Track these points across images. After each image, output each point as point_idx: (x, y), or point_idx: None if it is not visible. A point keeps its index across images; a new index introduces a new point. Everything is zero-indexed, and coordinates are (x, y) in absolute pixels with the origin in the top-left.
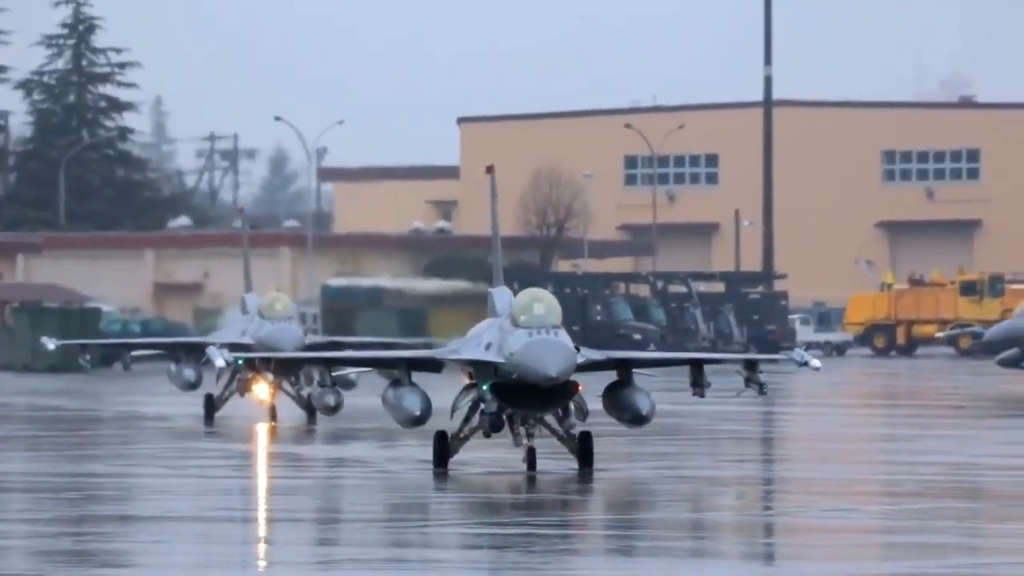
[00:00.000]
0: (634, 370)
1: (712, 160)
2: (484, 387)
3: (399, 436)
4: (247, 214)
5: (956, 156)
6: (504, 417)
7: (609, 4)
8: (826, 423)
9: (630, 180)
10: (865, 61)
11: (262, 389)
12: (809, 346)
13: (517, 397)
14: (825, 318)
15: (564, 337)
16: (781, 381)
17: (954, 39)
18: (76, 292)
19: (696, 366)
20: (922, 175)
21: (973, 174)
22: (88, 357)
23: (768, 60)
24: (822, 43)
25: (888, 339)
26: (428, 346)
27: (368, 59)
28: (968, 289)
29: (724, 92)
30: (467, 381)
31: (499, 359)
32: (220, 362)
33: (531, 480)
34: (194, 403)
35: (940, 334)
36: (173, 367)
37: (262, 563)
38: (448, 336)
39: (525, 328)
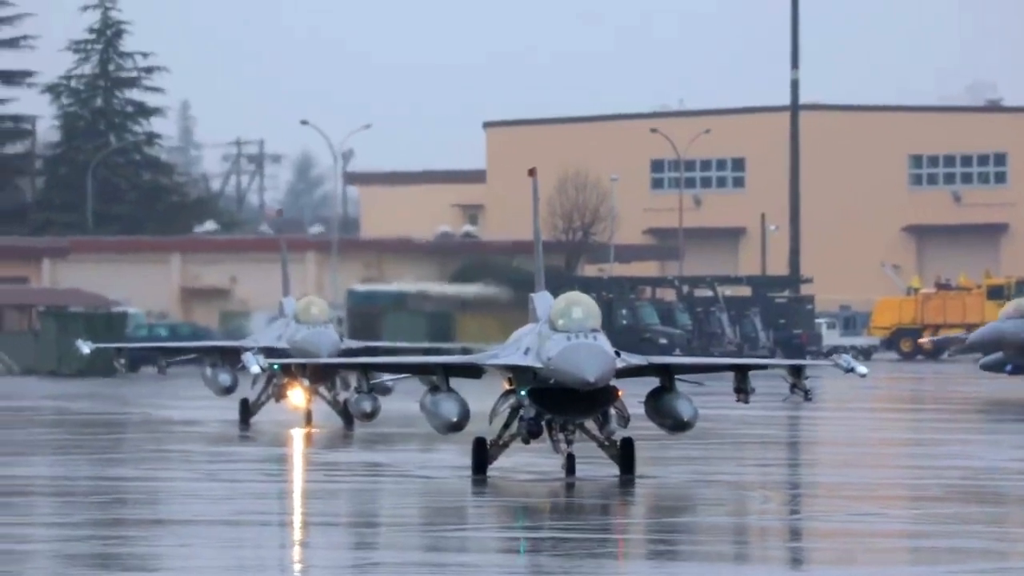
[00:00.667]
0: (676, 376)
1: (739, 164)
2: (522, 393)
3: (438, 443)
4: (280, 217)
5: (983, 160)
6: (543, 423)
7: (636, 8)
8: (852, 427)
9: (656, 184)
10: (891, 65)
11: (297, 394)
12: (835, 350)
13: (555, 403)
14: (851, 322)
15: (603, 341)
16: (807, 385)
17: (980, 43)
18: (102, 296)
19: (740, 372)
20: (949, 179)
21: (1000, 178)
22: (123, 361)
23: (795, 64)
24: (849, 47)
25: (915, 343)
26: (466, 351)
27: (395, 63)
28: (995, 293)
29: (751, 96)
30: (506, 387)
31: (537, 364)
32: (256, 368)
33: (570, 487)
34: (229, 408)
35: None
36: (208, 371)
37: (296, 567)
38: (475, 341)
39: (563, 332)
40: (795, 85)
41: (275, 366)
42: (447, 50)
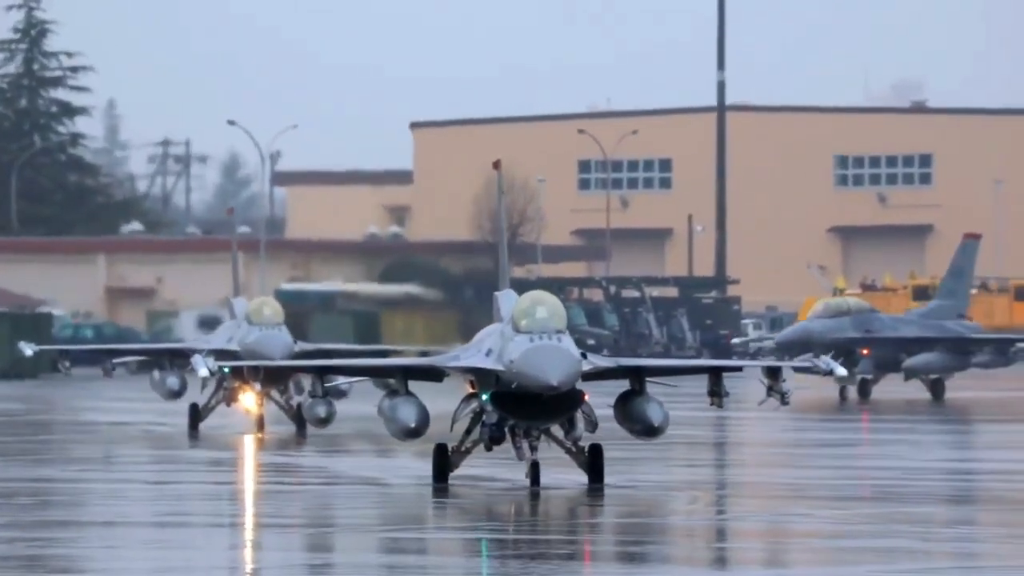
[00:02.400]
0: (647, 379)
1: (665, 165)
2: (484, 397)
3: (396, 449)
4: (232, 216)
5: (908, 161)
6: (506, 429)
7: (563, 9)
8: (776, 428)
9: (584, 185)
10: (817, 66)
11: (249, 399)
12: (760, 351)
13: (519, 407)
14: (777, 323)
15: (568, 343)
16: (731, 386)
17: (905, 44)
18: (27, 297)
19: (715, 374)
20: (874, 180)
21: (925, 179)
22: (68, 364)
23: (721, 65)
24: (775, 49)
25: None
26: (426, 353)
27: (322, 63)
28: (920, 294)
29: (677, 97)
30: (468, 390)
31: (499, 367)
32: (204, 371)
33: (534, 496)
34: (175, 412)
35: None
36: (156, 374)
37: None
38: (402, 341)
39: (526, 333)
40: (721, 86)
41: (225, 369)
42: (373, 50)
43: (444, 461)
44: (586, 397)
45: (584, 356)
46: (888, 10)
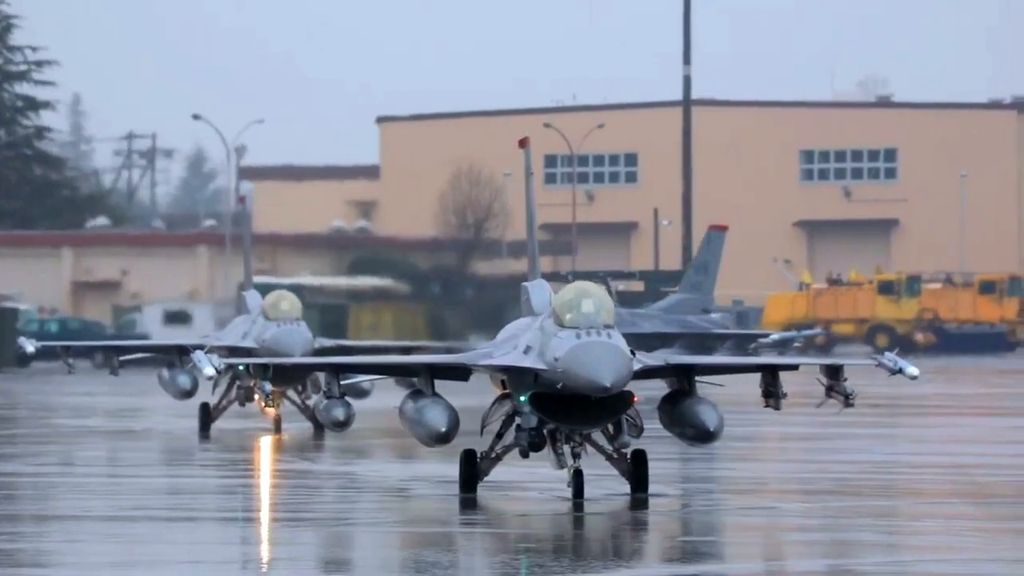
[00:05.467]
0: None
1: (631, 159)
2: (522, 399)
3: (418, 451)
4: (243, 206)
5: (873, 156)
6: (545, 433)
7: (530, 1)
8: (745, 422)
9: (550, 179)
10: (783, 61)
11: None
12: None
13: (562, 410)
14: (743, 317)
15: (618, 339)
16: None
17: (870, 38)
18: None
19: (770, 373)
20: (840, 174)
21: (890, 174)
22: (72, 361)
23: (687, 60)
24: (741, 44)
25: (806, 338)
26: (452, 350)
27: (289, 57)
28: (886, 288)
29: (643, 92)
30: (499, 391)
31: (541, 365)
32: (210, 370)
33: (578, 508)
34: (188, 411)
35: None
36: (165, 373)
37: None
38: (369, 334)
39: (572, 328)
40: (687, 81)
41: (241, 367)
42: (339, 44)
43: (473, 469)
44: (636, 399)
45: (633, 354)
46: (854, 5)
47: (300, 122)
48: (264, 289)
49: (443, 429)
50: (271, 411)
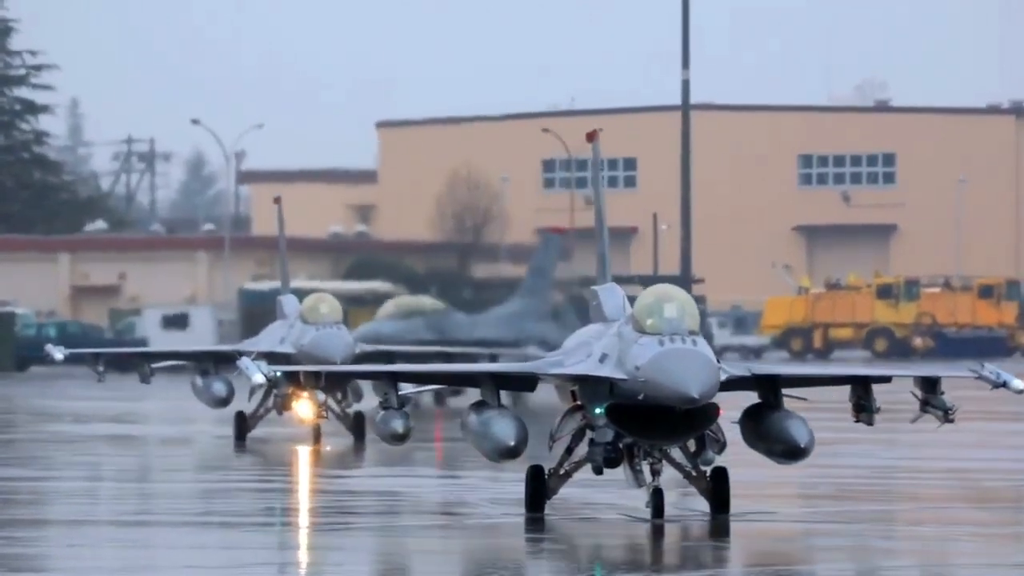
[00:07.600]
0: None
1: (630, 164)
2: (598, 411)
3: (472, 466)
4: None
5: (872, 160)
6: (622, 448)
7: (528, 6)
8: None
9: (548, 184)
10: (782, 65)
11: (304, 406)
12: (725, 349)
13: (642, 424)
14: (742, 322)
15: (704, 347)
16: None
17: (869, 43)
18: None
19: (861, 385)
20: (838, 179)
21: (889, 178)
22: (102, 368)
23: (686, 64)
24: (739, 48)
25: (805, 342)
26: (522, 357)
27: (288, 61)
28: (884, 293)
29: (642, 96)
30: (571, 403)
31: (620, 375)
32: (259, 377)
33: (657, 531)
34: (222, 419)
35: None
36: (200, 380)
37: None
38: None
39: (654, 335)
40: (686, 85)
41: (278, 373)
42: (340, 49)
43: (540, 487)
44: (722, 412)
45: (718, 362)
46: (852, 10)
47: (299, 126)
48: (261, 296)
49: (512, 443)
50: (315, 420)
